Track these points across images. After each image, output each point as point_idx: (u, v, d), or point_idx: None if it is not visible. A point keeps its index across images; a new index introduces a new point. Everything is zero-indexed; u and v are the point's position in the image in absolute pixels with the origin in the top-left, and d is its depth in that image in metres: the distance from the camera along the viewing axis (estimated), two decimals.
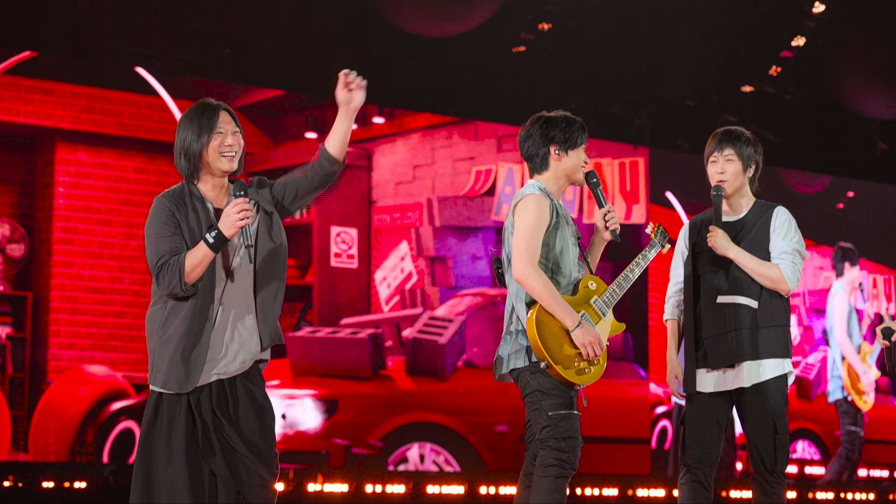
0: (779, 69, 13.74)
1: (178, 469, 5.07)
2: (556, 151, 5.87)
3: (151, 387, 5.19)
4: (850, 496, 13.50)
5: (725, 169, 6.14)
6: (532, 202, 5.75)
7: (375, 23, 11.89)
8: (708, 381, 6.10)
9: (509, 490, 11.75)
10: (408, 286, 12.13)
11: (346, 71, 5.14)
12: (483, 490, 11.76)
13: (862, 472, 13.84)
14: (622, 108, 13.47)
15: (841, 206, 14.34)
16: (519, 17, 12.53)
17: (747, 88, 13.94)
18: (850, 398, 13.10)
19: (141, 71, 10.95)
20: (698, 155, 6.27)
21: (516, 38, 12.78)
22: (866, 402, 13.18)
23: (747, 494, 12.59)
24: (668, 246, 6.12)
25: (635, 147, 13.12)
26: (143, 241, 5.17)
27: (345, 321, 11.61)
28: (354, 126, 5.26)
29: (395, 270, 12.12)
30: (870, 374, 13.05)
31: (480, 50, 12.35)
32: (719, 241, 6.01)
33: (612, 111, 13.27)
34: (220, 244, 5.04)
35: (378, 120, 12.11)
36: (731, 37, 13.06)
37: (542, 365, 5.66)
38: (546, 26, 12.69)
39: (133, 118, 10.91)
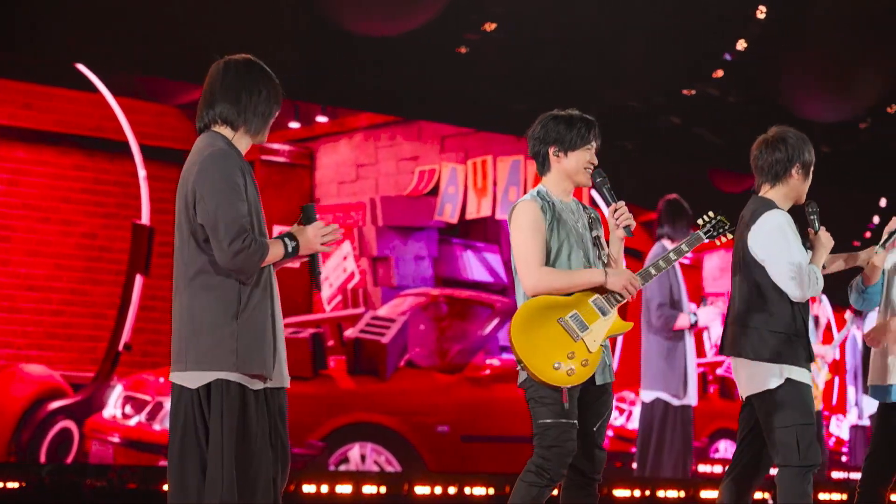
0: (722, 72, 13.79)
1: (269, 467, 4.84)
2: (556, 153, 5.87)
3: (225, 376, 4.81)
4: (822, 496, 13.56)
5: None
6: (517, 212, 5.77)
7: (318, 22, 11.84)
8: None
9: (451, 490, 11.73)
10: (350, 286, 12.09)
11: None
12: (422, 490, 11.73)
13: (839, 475, 13.96)
14: (566, 109, 13.46)
15: None
16: (463, 17, 12.50)
17: (691, 91, 13.98)
18: None
19: (81, 67, 10.85)
20: (641, 156, 6.27)
21: (460, 39, 12.76)
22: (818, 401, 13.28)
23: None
24: (726, 236, 6.03)
25: None
26: (80, 239, 5.06)
27: (286, 321, 11.53)
28: (296, 125, 5.25)
29: (337, 270, 12.08)
30: (821, 375, 13.11)
31: (424, 50, 12.33)
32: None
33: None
34: (292, 257, 4.89)
35: (321, 119, 12.06)
36: (675, 39, 13.09)
37: (520, 367, 5.63)
38: (490, 27, 12.68)
39: (73, 115, 10.81)
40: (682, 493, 12.10)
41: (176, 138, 10.81)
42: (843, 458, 14.55)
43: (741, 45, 13.42)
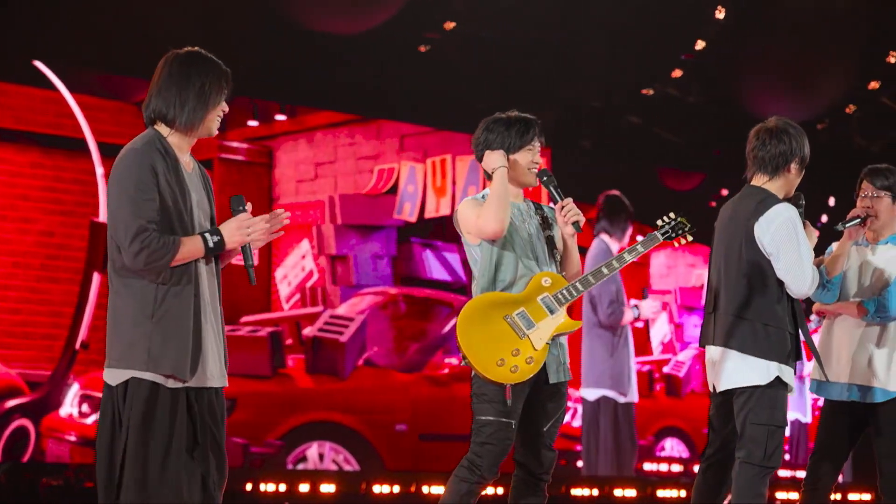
0: (682, 72, 13.84)
1: (179, 466, 4.74)
2: None
3: (138, 374, 4.74)
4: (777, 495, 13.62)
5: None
6: (459, 209, 5.81)
7: (278, 19, 11.82)
8: None
9: (409, 489, 11.73)
10: (308, 284, 12.08)
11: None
12: (380, 489, 11.72)
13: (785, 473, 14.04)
14: (527, 109, 13.49)
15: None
16: (423, 16, 12.50)
17: (649, 91, 14.03)
18: None
19: (39, 64, 10.80)
20: (599, 156, 6.30)
21: (420, 37, 12.76)
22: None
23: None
24: (686, 237, 6.01)
25: None
26: (38, 236, 5.03)
27: (244, 319, 11.54)
28: (255, 123, 5.23)
29: (295, 268, 12.07)
30: None
31: (383, 48, 12.32)
32: None
33: (516, 112, 13.28)
34: (217, 252, 4.83)
35: (280, 117, 12.04)
36: (635, 39, 13.13)
37: (464, 362, 5.63)
38: (450, 25, 12.68)
39: (30, 112, 10.77)
40: (634, 492, 12.12)
41: (134, 135, 10.76)
42: (786, 456, 14.63)
43: (700, 45, 13.47)
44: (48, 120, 10.80)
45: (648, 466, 13.38)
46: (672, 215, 5.98)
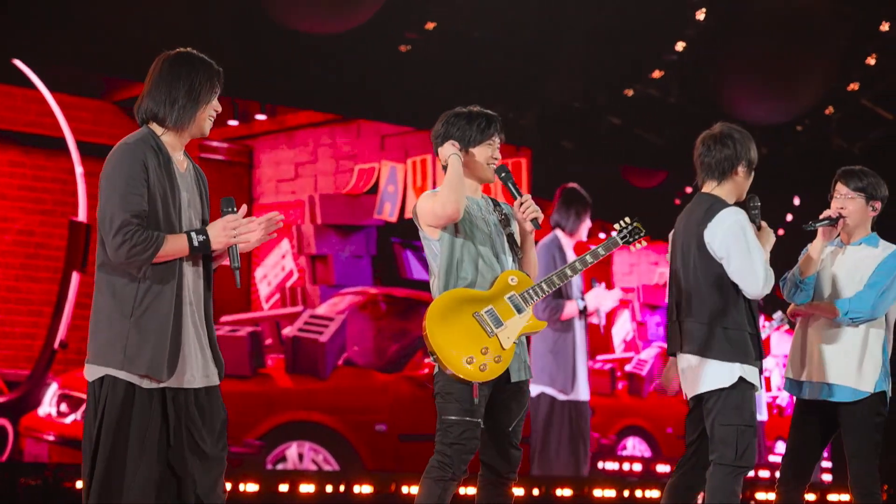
0: (662, 73, 13.86)
1: (151, 468, 4.73)
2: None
3: (113, 373, 4.76)
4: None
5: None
6: (417, 203, 5.82)
7: (258, 19, 11.80)
8: None
9: (388, 489, 11.73)
10: (288, 284, 12.06)
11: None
12: (359, 489, 11.72)
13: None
14: (508, 109, 13.51)
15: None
16: (404, 15, 12.50)
17: (630, 91, 14.04)
18: None
19: (18, 63, 10.76)
20: (581, 156, 6.30)
21: (401, 37, 12.75)
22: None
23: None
24: (640, 242, 6.00)
25: (518, 148, 13.17)
26: (17, 235, 5.02)
27: (224, 319, 11.51)
28: (235, 123, 5.22)
29: (275, 268, 12.05)
30: None
31: (364, 48, 12.31)
32: None
33: (497, 112, 13.29)
34: (203, 251, 4.83)
35: (260, 117, 12.03)
36: (617, 39, 13.14)
37: (431, 359, 5.63)
38: (431, 26, 12.67)
39: (9, 111, 10.72)
40: (570, 492, 12.13)
41: (114, 135, 10.71)
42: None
43: (680, 46, 13.49)
44: (28, 119, 10.76)
45: (610, 466, 13.37)
46: (627, 220, 5.99)
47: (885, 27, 13.45)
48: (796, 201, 15.06)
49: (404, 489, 11.64)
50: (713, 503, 6.05)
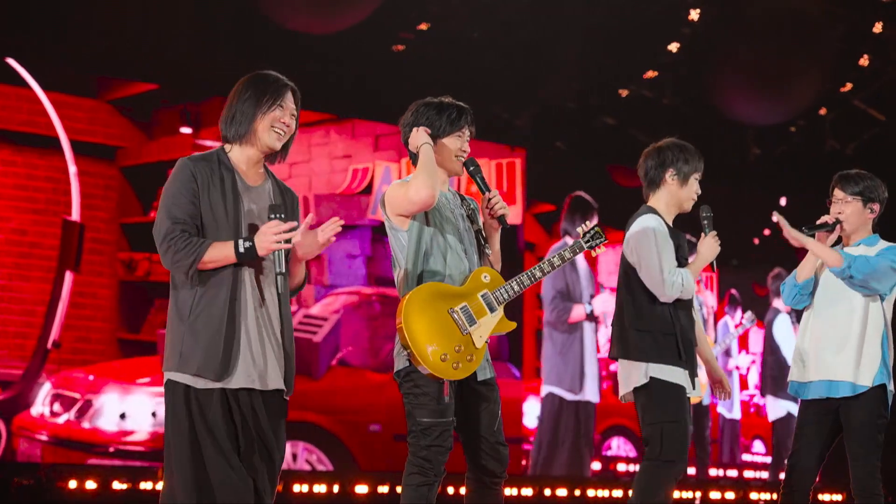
0: (656, 73, 13.87)
1: (219, 468, 4.84)
2: None
3: (174, 376, 4.91)
4: (713, 495, 13.66)
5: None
6: (386, 192, 5.77)
7: (254, 18, 11.80)
8: None
9: (382, 489, 11.73)
10: None
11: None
12: (353, 489, 11.72)
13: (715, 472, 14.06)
14: (503, 109, 13.52)
15: None
16: (399, 15, 12.50)
17: (625, 92, 14.05)
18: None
19: (12, 62, 10.75)
20: (576, 156, 6.31)
21: (396, 37, 12.76)
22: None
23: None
24: (600, 249, 5.98)
25: (512, 148, 13.18)
26: (11, 234, 5.04)
27: None
28: None
29: None
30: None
31: (359, 48, 12.31)
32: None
33: (492, 113, 13.32)
34: (250, 258, 4.88)
35: None
36: (611, 40, 13.15)
37: (405, 354, 5.52)
38: (425, 26, 12.68)
39: (3, 109, 10.72)
40: (565, 492, 12.14)
41: (107, 134, 10.73)
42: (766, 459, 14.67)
43: (674, 47, 13.50)
44: (21, 118, 10.75)
45: (595, 465, 13.37)
46: (588, 224, 5.96)
47: (877, 28, 13.47)
48: (783, 202, 15.09)
49: (398, 489, 11.64)
50: (638, 497, 6.15)
